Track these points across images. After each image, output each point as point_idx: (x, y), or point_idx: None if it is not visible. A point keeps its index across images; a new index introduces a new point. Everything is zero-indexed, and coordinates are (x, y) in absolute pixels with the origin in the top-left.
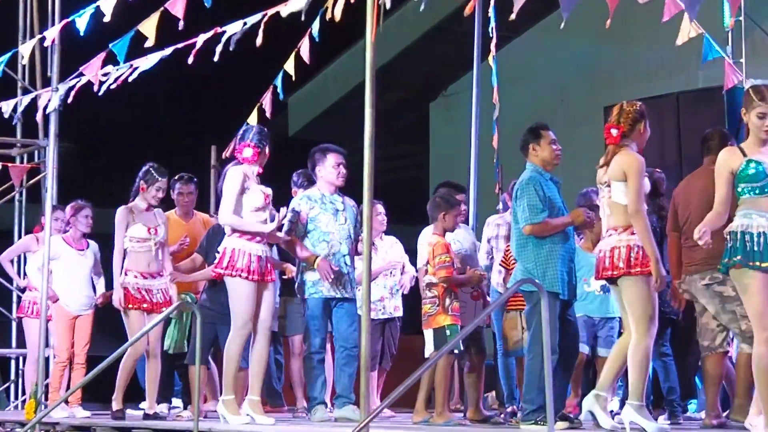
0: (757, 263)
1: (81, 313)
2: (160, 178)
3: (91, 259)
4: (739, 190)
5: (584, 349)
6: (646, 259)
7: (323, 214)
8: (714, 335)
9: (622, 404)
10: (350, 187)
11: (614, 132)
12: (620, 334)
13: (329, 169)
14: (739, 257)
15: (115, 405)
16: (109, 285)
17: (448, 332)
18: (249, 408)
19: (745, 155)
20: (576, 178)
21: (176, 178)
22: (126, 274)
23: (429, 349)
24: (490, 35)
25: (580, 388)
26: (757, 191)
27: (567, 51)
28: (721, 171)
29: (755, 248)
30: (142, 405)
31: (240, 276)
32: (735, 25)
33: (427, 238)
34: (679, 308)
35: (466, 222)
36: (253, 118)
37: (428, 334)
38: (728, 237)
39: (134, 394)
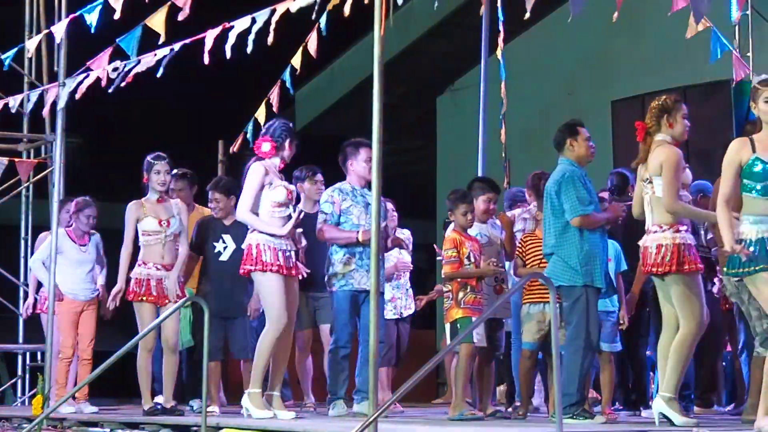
0: (763, 266)
1: (85, 304)
2: (155, 162)
3: (93, 253)
4: (744, 185)
5: (613, 347)
6: (695, 257)
7: (355, 206)
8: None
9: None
10: None
11: (639, 129)
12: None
13: (361, 163)
14: (742, 269)
15: (145, 404)
16: (113, 280)
17: (459, 326)
18: (268, 402)
19: (755, 150)
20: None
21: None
22: (140, 266)
23: (448, 342)
24: (498, 29)
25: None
26: (759, 192)
27: (575, 45)
28: (731, 162)
29: (756, 254)
30: (158, 399)
31: (271, 270)
32: (742, 19)
33: (447, 232)
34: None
35: None
36: (260, 113)
37: (447, 328)
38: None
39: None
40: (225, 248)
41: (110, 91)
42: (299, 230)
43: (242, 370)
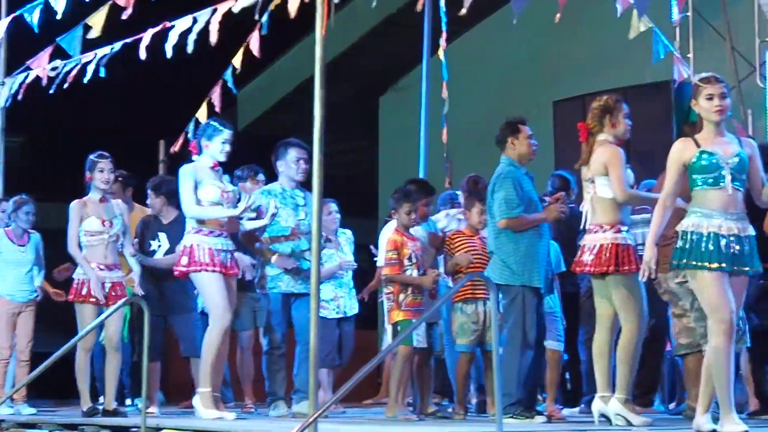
0: (706, 263)
1: (22, 306)
2: (98, 160)
3: (32, 253)
4: (693, 181)
5: (558, 346)
6: (634, 258)
7: (283, 209)
8: (693, 333)
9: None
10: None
11: (582, 130)
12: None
13: (290, 164)
14: (685, 260)
15: (84, 405)
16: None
17: (399, 328)
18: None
19: (698, 146)
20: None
21: None
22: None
23: (385, 344)
24: (441, 29)
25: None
26: (710, 182)
27: (517, 46)
28: (673, 161)
29: (703, 249)
30: (101, 399)
31: (206, 270)
32: (682, 20)
33: (386, 233)
34: None
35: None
36: (202, 113)
37: (389, 330)
38: (679, 235)
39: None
40: (159, 247)
41: (51, 92)
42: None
43: (192, 369)
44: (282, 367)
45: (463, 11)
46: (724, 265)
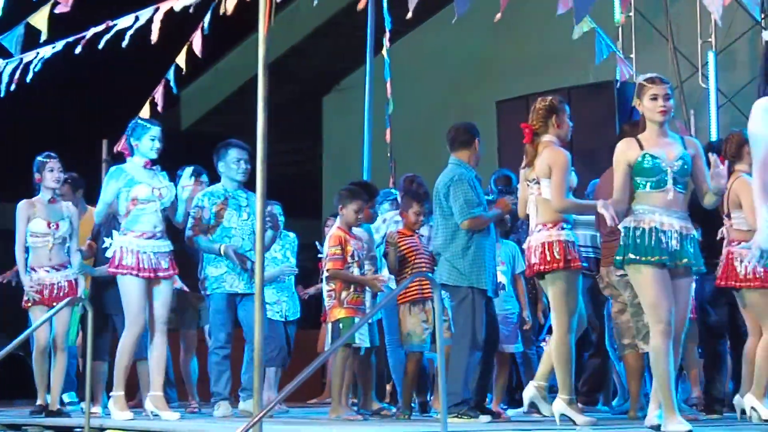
0: (649, 257)
1: None
2: (47, 160)
3: None
4: (636, 183)
5: (510, 348)
6: (578, 255)
7: (225, 210)
8: (633, 332)
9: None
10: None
11: (526, 131)
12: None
13: (230, 164)
14: (628, 255)
15: (40, 401)
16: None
17: (341, 326)
18: (152, 404)
19: (642, 148)
20: None
21: None
22: (31, 271)
23: (327, 342)
24: (384, 29)
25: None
26: (653, 185)
27: (460, 45)
28: (619, 162)
29: (645, 243)
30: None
31: (131, 273)
32: (626, 21)
33: (331, 230)
34: None
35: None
36: (145, 112)
37: (327, 328)
38: (622, 232)
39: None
40: (111, 245)
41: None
42: None
43: (138, 371)
44: (227, 367)
45: (409, 15)
46: (665, 257)
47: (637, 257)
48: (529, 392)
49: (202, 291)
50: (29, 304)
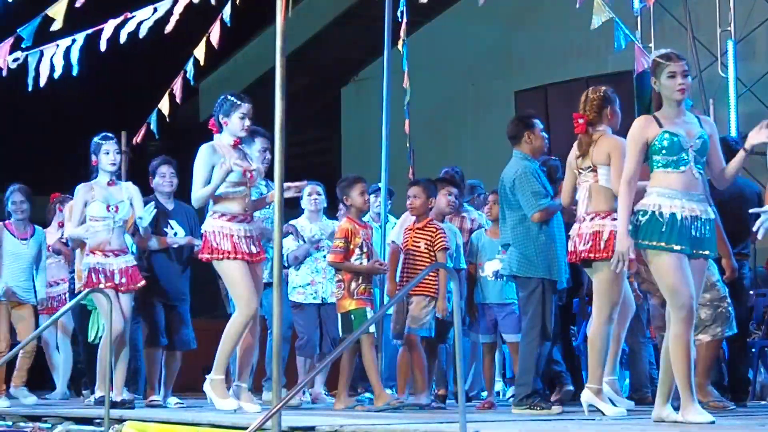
0: (671, 245)
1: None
2: (103, 142)
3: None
4: (653, 162)
5: (486, 339)
6: None
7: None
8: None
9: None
10: None
11: (581, 121)
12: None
13: (255, 153)
14: (647, 241)
15: (98, 394)
16: None
17: (352, 317)
18: (210, 388)
19: (661, 126)
20: (486, 161)
21: None
22: (89, 255)
23: (340, 333)
24: (400, 20)
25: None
26: (672, 165)
27: (478, 36)
28: (637, 140)
29: (663, 229)
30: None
31: (229, 258)
32: (644, 10)
33: (341, 222)
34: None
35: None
36: (164, 104)
37: (339, 318)
38: (639, 214)
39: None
40: (176, 234)
41: (29, 89)
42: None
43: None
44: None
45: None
46: (685, 246)
47: (656, 243)
48: (587, 396)
49: None
50: (83, 288)
